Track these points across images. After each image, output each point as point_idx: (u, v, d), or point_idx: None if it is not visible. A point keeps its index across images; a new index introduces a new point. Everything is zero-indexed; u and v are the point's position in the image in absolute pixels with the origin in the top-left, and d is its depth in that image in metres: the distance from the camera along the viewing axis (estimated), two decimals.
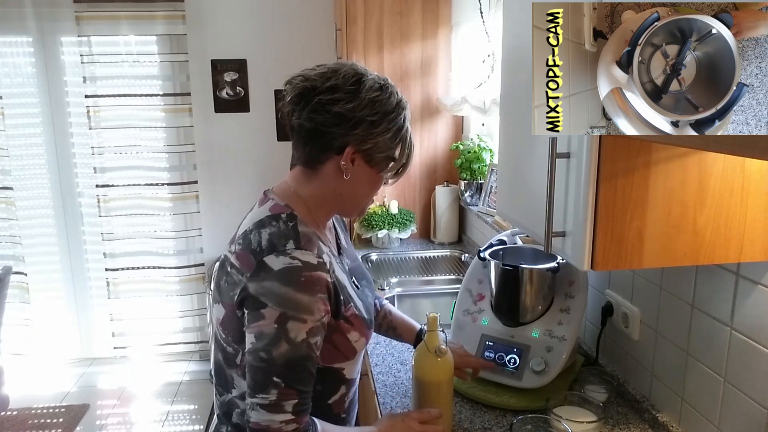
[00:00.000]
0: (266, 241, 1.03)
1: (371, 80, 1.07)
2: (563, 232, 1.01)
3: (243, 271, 1.02)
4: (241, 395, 1.09)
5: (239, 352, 1.06)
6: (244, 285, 1.01)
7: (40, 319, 3.70)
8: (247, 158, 3.64)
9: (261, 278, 0.99)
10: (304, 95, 1.06)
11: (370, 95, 1.05)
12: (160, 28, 3.40)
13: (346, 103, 1.04)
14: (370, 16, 2.84)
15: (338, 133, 1.05)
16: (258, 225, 1.06)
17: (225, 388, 1.13)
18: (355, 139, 1.06)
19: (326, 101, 1.04)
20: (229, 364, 1.10)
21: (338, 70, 1.07)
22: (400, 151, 1.12)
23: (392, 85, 1.11)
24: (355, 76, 1.06)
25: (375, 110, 1.05)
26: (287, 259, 0.99)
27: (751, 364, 1.08)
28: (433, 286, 2.42)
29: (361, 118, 1.05)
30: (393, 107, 1.08)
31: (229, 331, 1.07)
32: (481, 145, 2.69)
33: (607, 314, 1.54)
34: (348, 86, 1.05)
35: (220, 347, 1.12)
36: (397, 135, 1.09)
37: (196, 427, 3.11)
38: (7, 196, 3.55)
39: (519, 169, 1.20)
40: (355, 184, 1.11)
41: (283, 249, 1.01)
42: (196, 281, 3.75)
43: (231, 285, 1.05)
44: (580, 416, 1.26)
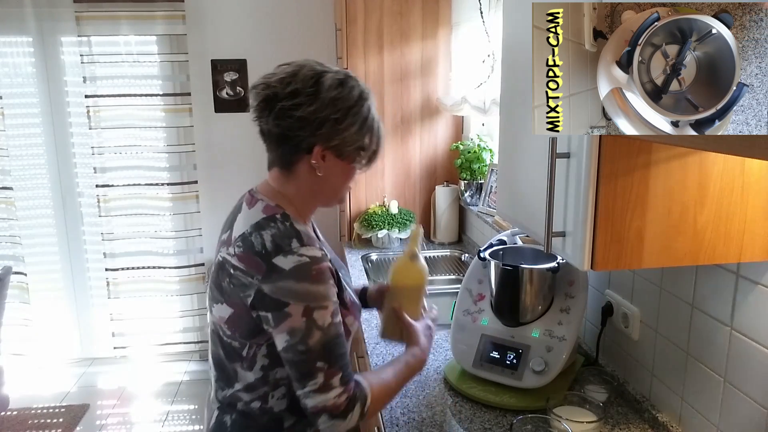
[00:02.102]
0: (270, 243, 1.06)
1: (330, 78, 1.10)
2: (563, 232, 1.01)
3: (252, 273, 1.05)
4: (245, 387, 1.13)
5: (245, 346, 1.11)
6: (258, 287, 1.04)
7: (40, 319, 3.70)
8: (247, 158, 3.64)
9: (274, 279, 1.03)
10: (268, 102, 1.10)
11: (331, 94, 1.08)
12: (160, 28, 3.40)
13: (307, 106, 1.07)
14: (370, 16, 2.84)
15: (304, 135, 1.09)
16: (256, 227, 1.09)
17: (227, 383, 1.16)
18: (322, 139, 1.10)
19: (289, 107, 1.08)
20: (232, 358, 1.13)
21: (297, 73, 1.10)
22: (368, 139, 1.15)
23: (353, 78, 1.14)
24: (313, 77, 1.09)
25: (337, 108, 1.09)
26: (296, 257, 1.04)
27: (751, 364, 1.08)
28: (433, 286, 2.42)
29: (325, 118, 1.08)
30: (355, 101, 1.11)
31: (237, 328, 1.10)
32: (481, 145, 2.69)
33: (607, 314, 1.54)
34: (308, 89, 1.08)
35: (221, 343, 1.15)
36: (363, 126, 1.13)
37: (196, 427, 3.11)
38: (7, 196, 3.55)
39: (519, 169, 1.20)
40: (330, 178, 1.15)
41: (289, 248, 1.05)
42: (196, 281, 3.75)
43: (239, 287, 1.07)
44: (580, 416, 1.26)
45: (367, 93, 1.14)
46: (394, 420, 1.38)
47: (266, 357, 1.11)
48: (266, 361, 1.12)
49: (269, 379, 1.13)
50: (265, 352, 1.11)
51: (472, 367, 1.49)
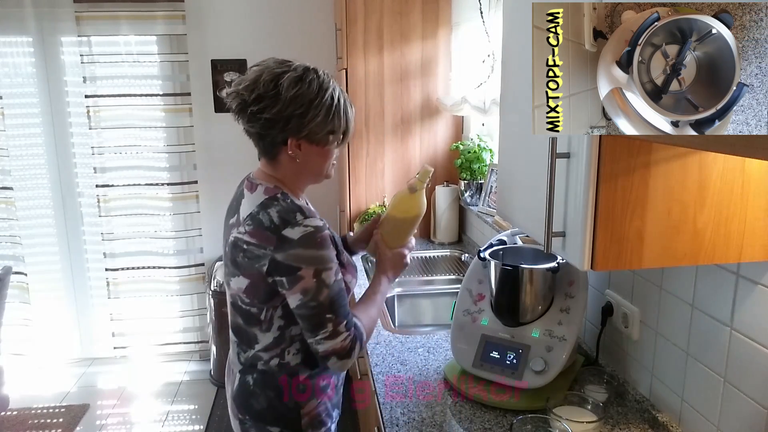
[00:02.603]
0: (277, 218, 1.21)
1: (288, 78, 1.21)
2: (563, 232, 1.01)
3: (264, 245, 1.21)
4: (264, 348, 1.31)
5: (263, 310, 1.27)
6: (271, 257, 1.20)
7: (40, 319, 3.70)
8: (246, 158, 3.60)
9: (285, 248, 1.19)
10: (240, 108, 1.25)
11: (290, 93, 1.20)
12: (160, 28, 3.40)
13: (271, 108, 1.21)
14: (370, 16, 2.84)
15: (276, 132, 1.24)
16: (262, 206, 1.24)
17: (249, 345, 1.32)
18: (292, 132, 1.24)
19: (256, 111, 1.22)
20: (251, 323, 1.30)
21: (259, 77, 1.22)
22: (337, 123, 1.27)
23: (310, 71, 1.24)
24: (273, 80, 1.21)
25: (299, 103, 1.21)
26: (302, 228, 1.20)
27: (751, 364, 1.08)
28: (433, 286, 2.42)
29: (290, 115, 1.21)
30: (315, 93, 1.22)
31: (254, 295, 1.26)
32: (481, 145, 2.69)
33: (607, 314, 1.54)
34: (269, 92, 1.21)
35: (240, 311, 1.31)
36: (328, 114, 1.24)
37: (196, 427, 3.11)
38: (7, 196, 3.55)
39: (519, 169, 1.20)
40: (309, 162, 1.29)
41: (295, 221, 1.21)
42: (196, 281, 3.75)
43: (253, 259, 1.23)
44: (580, 416, 1.26)
45: (327, 82, 1.25)
46: (394, 420, 1.38)
47: (281, 318, 1.28)
48: (282, 321, 1.28)
49: (285, 336, 1.29)
50: (280, 313, 1.27)
51: (472, 367, 1.49)
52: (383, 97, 2.91)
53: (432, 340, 1.81)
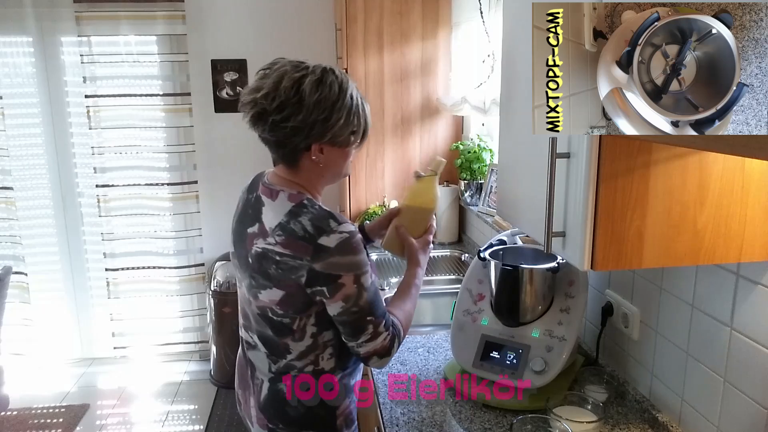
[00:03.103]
0: (311, 227, 1.18)
1: (309, 82, 1.17)
2: (563, 232, 1.01)
3: (300, 256, 1.17)
4: (298, 356, 1.27)
5: (296, 320, 1.24)
6: (309, 267, 1.17)
7: (40, 319, 3.70)
8: (247, 158, 3.63)
9: (323, 257, 1.16)
10: (260, 117, 1.20)
11: (313, 98, 1.17)
12: (160, 28, 3.40)
13: (296, 116, 1.17)
14: (370, 16, 2.84)
15: (298, 140, 1.20)
16: (291, 215, 1.20)
17: (280, 356, 1.29)
18: (315, 138, 1.21)
19: (280, 120, 1.17)
20: (283, 334, 1.26)
21: (279, 84, 1.17)
22: (357, 122, 1.24)
23: (329, 73, 1.21)
24: (294, 85, 1.17)
25: (322, 108, 1.18)
26: (337, 235, 1.17)
27: (751, 364, 1.08)
28: (433, 286, 2.42)
29: (314, 121, 1.18)
30: (336, 95, 1.19)
31: (290, 306, 1.22)
32: (481, 145, 2.69)
33: (607, 314, 1.54)
34: (292, 99, 1.17)
35: (270, 323, 1.27)
36: (349, 114, 1.21)
37: (196, 427, 3.11)
38: (7, 196, 3.55)
39: (519, 169, 1.20)
40: (330, 164, 1.27)
41: (330, 228, 1.17)
42: (196, 281, 3.75)
43: (289, 270, 1.19)
44: (580, 416, 1.26)
45: (345, 82, 1.22)
46: (394, 420, 1.38)
47: (314, 325, 1.25)
48: (315, 328, 1.25)
49: (318, 343, 1.27)
50: (313, 321, 1.24)
51: (472, 367, 1.48)
52: (383, 97, 2.91)
53: (432, 340, 1.81)
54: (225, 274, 3.42)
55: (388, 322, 1.26)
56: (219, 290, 3.38)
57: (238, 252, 1.31)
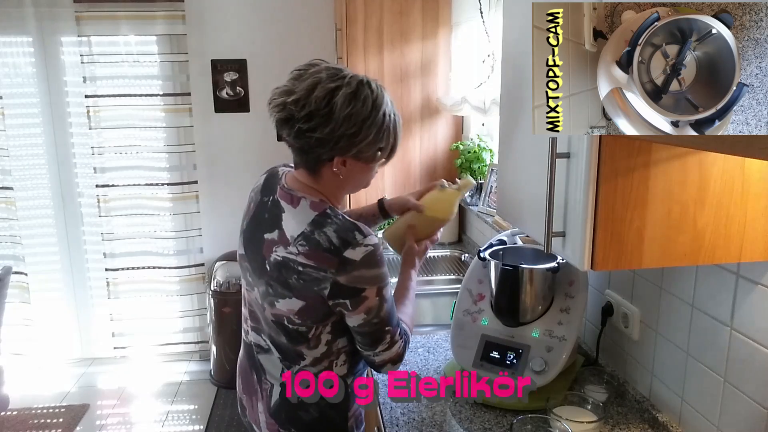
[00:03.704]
0: (336, 239, 1.15)
1: (343, 95, 1.12)
2: (563, 232, 1.01)
3: (324, 268, 1.15)
4: (312, 362, 1.26)
5: (312, 329, 1.23)
6: (333, 280, 1.15)
7: (40, 319, 3.70)
8: (247, 158, 3.64)
9: (348, 270, 1.15)
10: (286, 122, 1.16)
11: (344, 112, 1.12)
12: (160, 28, 3.40)
13: (323, 128, 1.13)
14: (370, 16, 2.84)
15: (322, 151, 1.17)
16: (315, 225, 1.17)
17: (293, 362, 1.27)
18: (340, 152, 1.17)
19: (306, 129, 1.13)
20: (298, 342, 1.25)
21: (311, 92, 1.12)
22: (386, 140, 1.20)
23: (365, 86, 1.16)
24: (326, 96, 1.12)
25: (351, 123, 1.13)
26: (363, 248, 1.15)
27: (751, 364, 1.08)
28: (433, 286, 2.42)
29: (341, 135, 1.14)
30: (369, 111, 1.15)
31: (308, 316, 1.21)
32: (481, 145, 2.69)
33: (607, 314, 1.54)
34: (322, 110, 1.12)
35: (285, 331, 1.25)
36: (378, 132, 1.17)
37: (196, 427, 3.11)
38: (7, 196, 3.55)
39: (519, 169, 1.20)
40: (351, 178, 1.24)
41: (356, 241, 1.15)
42: (196, 281, 3.75)
43: (311, 281, 1.16)
44: (580, 416, 1.26)
45: (380, 98, 1.17)
46: (394, 420, 1.38)
47: (329, 333, 1.24)
48: (329, 336, 1.25)
49: (333, 350, 1.26)
50: (329, 329, 1.24)
51: (471, 367, 1.48)
52: None
53: (432, 340, 1.81)
54: (225, 274, 3.42)
55: (402, 330, 1.26)
56: (219, 290, 3.38)
57: (251, 255, 1.28)
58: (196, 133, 3.57)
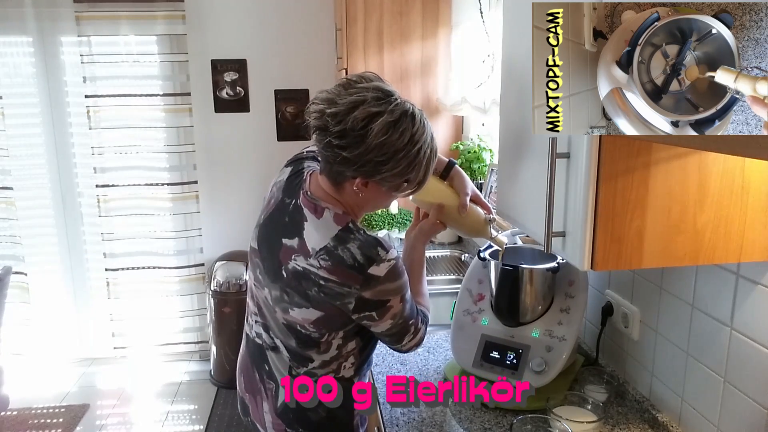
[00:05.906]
0: (361, 256, 1.16)
1: (381, 123, 1.08)
2: (563, 232, 1.01)
3: (349, 284, 1.16)
4: (321, 364, 1.28)
5: (325, 335, 1.24)
6: (358, 295, 1.17)
7: (40, 319, 3.70)
8: (247, 158, 3.64)
9: (373, 286, 1.17)
10: (319, 130, 1.14)
11: (378, 140, 1.08)
12: (160, 28, 3.40)
13: (353, 149, 1.10)
14: (370, 16, 2.84)
15: (346, 168, 1.14)
16: (339, 241, 1.17)
17: (301, 364, 1.29)
18: (363, 175, 1.15)
19: (335, 145, 1.11)
20: (308, 346, 1.26)
21: (352, 110, 1.08)
22: (414, 173, 1.16)
23: (407, 117, 1.11)
24: (365, 120, 1.08)
25: (383, 152, 1.10)
26: (386, 264, 1.17)
27: (751, 364, 1.08)
28: (433, 286, 2.42)
29: (368, 160, 1.11)
30: (404, 144, 1.11)
31: (325, 326, 1.23)
32: (481, 145, 2.69)
33: (607, 314, 1.54)
34: (356, 131, 1.08)
35: (298, 336, 1.26)
36: (408, 165, 1.14)
37: (196, 427, 3.11)
38: (7, 196, 3.55)
39: (519, 169, 1.20)
40: (371, 200, 1.24)
41: (379, 257, 1.16)
42: (196, 281, 3.75)
43: (334, 295, 1.17)
44: (580, 416, 1.26)
45: (419, 134, 1.13)
46: (394, 420, 1.38)
47: (341, 338, 1.26)
48: (340, 341, 1.26)
49: (342, 353, 1.28)
50: (341, 335, 1.26)
51: (472, 367, 1.48)
52: None
53: (432, 340, 1.81)
54: (225, 274, 3.42)
55: (421, 315, 1.31)
56: (219, 290, 3.38)
57: (265, 254, 1.27)
58: (196, 133, 3.57)
